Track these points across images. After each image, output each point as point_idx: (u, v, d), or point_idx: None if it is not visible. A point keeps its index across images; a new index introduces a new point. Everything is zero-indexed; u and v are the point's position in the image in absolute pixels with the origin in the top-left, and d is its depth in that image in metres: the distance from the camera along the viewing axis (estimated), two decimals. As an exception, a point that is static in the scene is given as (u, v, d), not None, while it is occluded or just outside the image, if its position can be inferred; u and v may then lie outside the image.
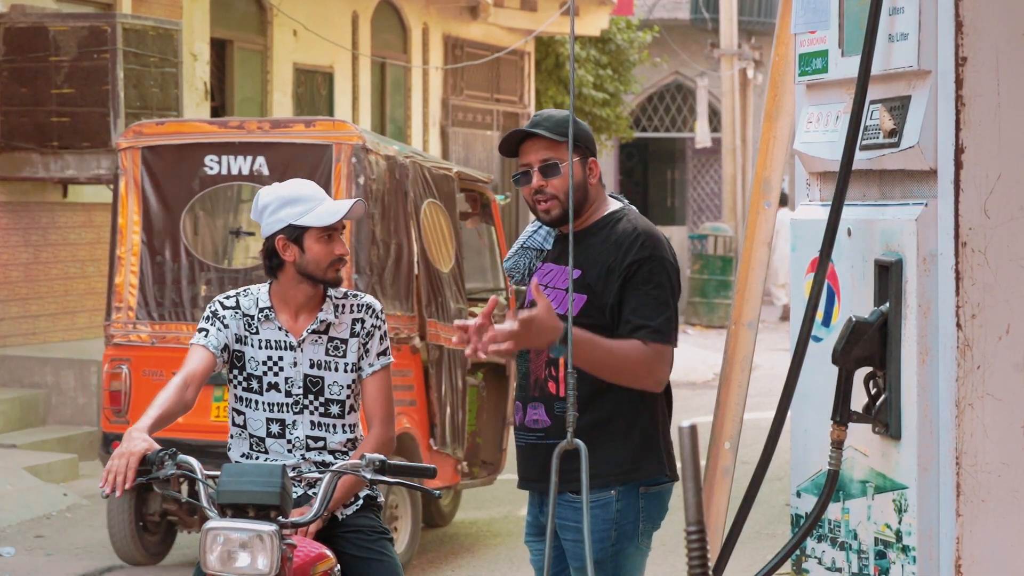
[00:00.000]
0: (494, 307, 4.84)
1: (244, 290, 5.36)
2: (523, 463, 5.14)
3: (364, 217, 8.73)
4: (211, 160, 9.16)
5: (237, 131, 9.33)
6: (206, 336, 5.23)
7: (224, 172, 9.18)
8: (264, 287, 5.35)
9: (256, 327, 5.27)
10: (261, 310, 5.29)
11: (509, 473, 12.37)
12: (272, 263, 5.27)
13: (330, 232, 5.23)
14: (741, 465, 7.89)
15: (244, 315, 5.29)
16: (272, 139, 9.17)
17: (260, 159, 9.10)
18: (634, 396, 4.98)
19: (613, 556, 4.99)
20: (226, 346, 5.24)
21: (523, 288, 5.28)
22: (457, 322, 4.70)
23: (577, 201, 4.99)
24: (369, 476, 4.90)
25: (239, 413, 5.31)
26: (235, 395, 5.32)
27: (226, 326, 5.26)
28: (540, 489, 5.08)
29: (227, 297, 5.33)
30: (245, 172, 9.16)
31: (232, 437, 5.35)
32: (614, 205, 5.11)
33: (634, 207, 5.17)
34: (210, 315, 5.28)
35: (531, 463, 5.07)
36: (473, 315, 7.56)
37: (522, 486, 5.19)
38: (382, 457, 4.92)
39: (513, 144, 5.11)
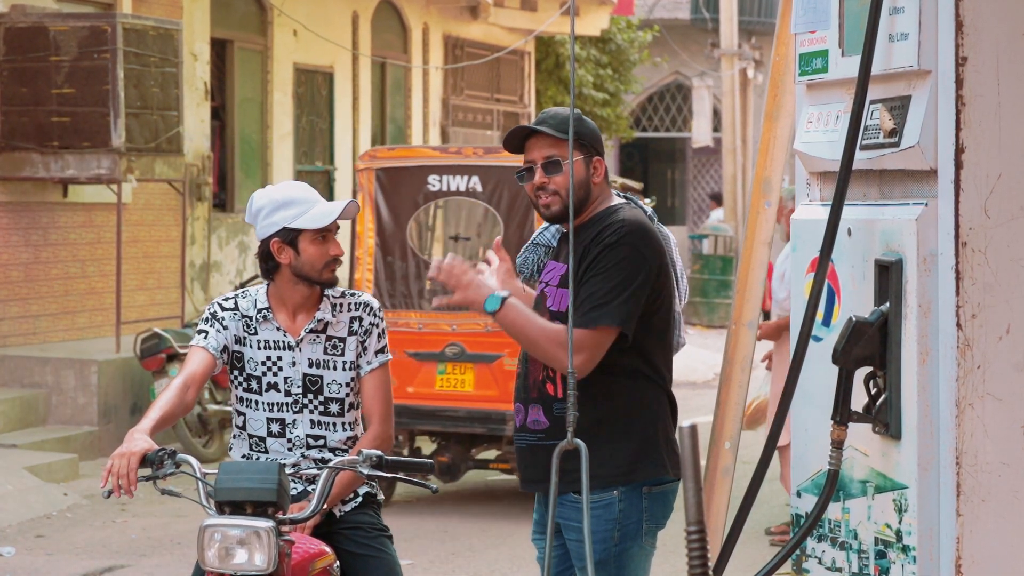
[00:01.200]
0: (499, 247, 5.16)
1: (243, 291, 5.38)
2: (525, 465, 5.15)
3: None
4: (433, 179, 11.15)
5: (456, 155, 11.32)
6: (205, 338, 5.24)
7: (444, 189, 11.19)
8: (262, 288, 5.36)
9: (255, 328, 5.28)
10: (259, 311, 5.29)
11: (509, 473, 12.39)
12: (268, 265, 5.28)
13: (324, 233, 5.24)
14: (741, 465, 7.90)
15: (243, 316, 5.30)
16: (485, 162, 11.09)
17: (474, 178, 11.04)
18: (632, 397, 4.99)
19: (616, 556, 4.99)
20: (225, 347, 5.26)
21: (531, 283, 5.31)
22: (435, 260, 4.96)
23: (578, 199, 5.00)
24: (366, 472, 4.91)
25: (239, 414, 5.32)
26: (235, 396, 5.34)
27: (225, 327, 5.27)
28: (543, 490, 5.09)
29: (225, 299, 5.35)
30: (462, 189, 11.10)
31: (234, 438, 5.37)
32: (615, 201, 5.11)
33: (642, 204, 5.16)
34: (209, 317, 5.29)
35: (533, 464, 5.08)
36: None
37: (526, 488, 5.21)
38: (379, 452, 4.93)
39: (518, 140, 5.13)
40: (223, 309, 5.31)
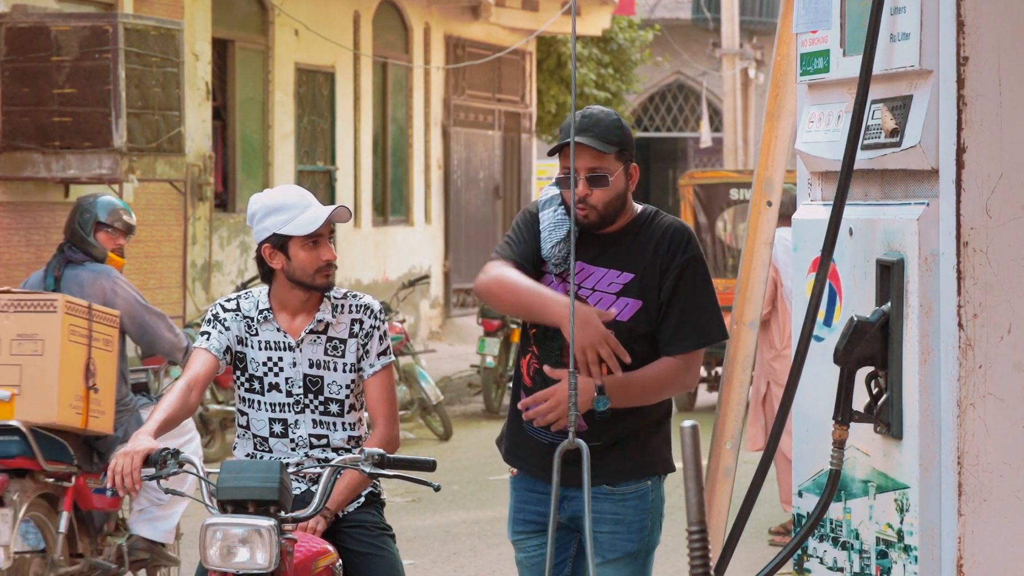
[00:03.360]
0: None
1: (245, 292, 5.39)
2: (537, 456, 5.06)
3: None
4: (734, 191, 16.74)
5: (750, 176, 17.84)
6: (208, 339, 5.25)
7: (741, 198, 16.59)
8: (264, 289, 5.37)
9: (256, 328, 5.29)
10: (261, 312, 5.30)
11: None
12: (264, 270, 5.29)
13: (315, 239, 5.23)
14: (743, 465, 7.90)
15: (244, 317, 5.30)
16: None
17: None
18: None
19: (647, 548, 5.03)
20: (228, 348, 5.26)
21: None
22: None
23: (616, 210, 4.95)
24: (368, 470, 4.92)
25: (242, 414, 5.33)
26: (238, 396, 5.34)
27: (227, 328, 5.28)
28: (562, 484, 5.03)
29: (228, 300, 5.36)
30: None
31: (238, 437, 5.38)
32: (639, 205, 5.10)
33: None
34: (211, 318, 5.30)
35: (546, 459, 4.99)
36: None
37: (539, 476, 5.09)
38: (381, 451, 4.94)
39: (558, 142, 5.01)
40: (225, 310, 5.32)
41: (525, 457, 5.14)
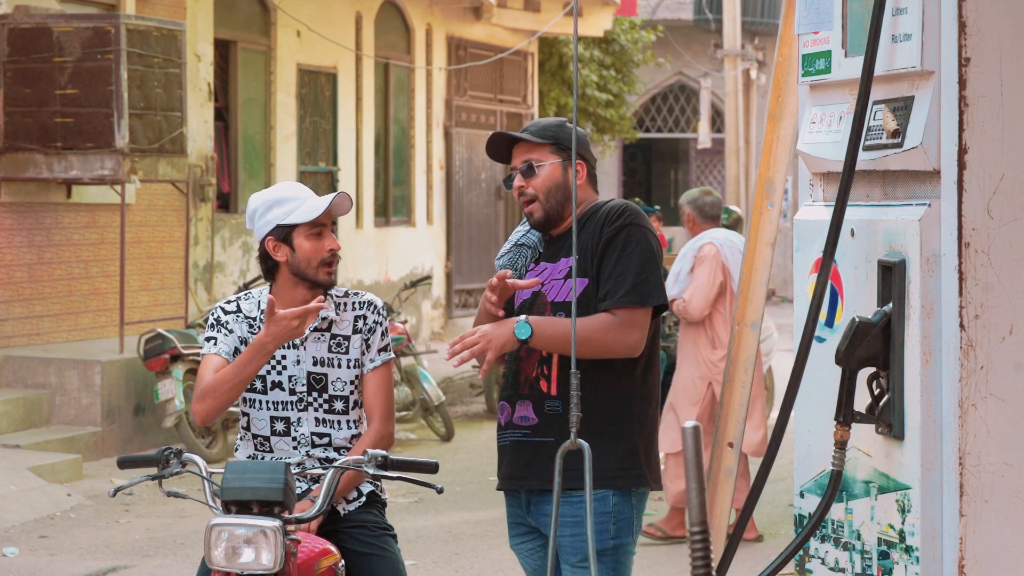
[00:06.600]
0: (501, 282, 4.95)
1: (245, 294, 5.41)
2: (505, 462, 5.13)
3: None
4: None
5: None
6: (215, 344, 5.26)
7: None
8: (265, 289, 5.39)
9: (258, 328, 5.30)
10: (263, 311, 5.31)
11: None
12: (267, 266, 5.31)
13: (319, 229, 5.27)
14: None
15: (246, 318, 5.32)
16: None
17: None
18: (615, 407, 4.99)
19: (613, 549, 5.00)
20: (236, 350, 5.27)
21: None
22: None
23: (558, 201, 5.06)
24: (372, 471, 4.93)
25: (243, 415, 5.34)
26: (240, 397, 5.34)
27: (231, 331, 5.29)
28: (523, 487, 5.09)
29: (228, 302, 5.37)
30: None
31: (240, 439, 5.38)
32: (599, 199, 5.16)
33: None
34: (214, 323, 5.31)
35: (515, 461, 5.08)
36: None
37: (506, 485, 5.17)
38: (384, 452, 4.95)
39: (503, 151, 5.17)
40: (226, 313, 5.33)
41: (499, 465, 5.20)
